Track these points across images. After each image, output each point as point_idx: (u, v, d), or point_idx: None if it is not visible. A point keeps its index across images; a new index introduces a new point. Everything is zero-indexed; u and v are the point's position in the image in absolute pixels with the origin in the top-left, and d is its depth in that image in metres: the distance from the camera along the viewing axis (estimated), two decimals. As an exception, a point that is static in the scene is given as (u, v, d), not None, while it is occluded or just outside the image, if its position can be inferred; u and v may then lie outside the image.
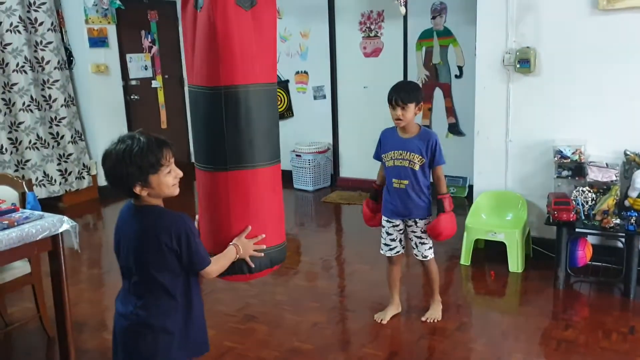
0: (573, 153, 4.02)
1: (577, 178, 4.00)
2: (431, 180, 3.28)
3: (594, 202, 3.81)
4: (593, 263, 3.91)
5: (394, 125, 3.23)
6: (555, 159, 4.06)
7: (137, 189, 1.92)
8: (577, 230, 3.79)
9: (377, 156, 3.39)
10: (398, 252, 3.43)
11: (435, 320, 3.43)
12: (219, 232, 2.33)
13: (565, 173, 4.04)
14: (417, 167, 3.20)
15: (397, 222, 3.36)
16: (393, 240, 3.40)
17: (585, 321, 3.43)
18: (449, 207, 3.20)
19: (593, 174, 3.90)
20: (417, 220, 3.31)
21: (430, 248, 3.37)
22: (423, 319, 3.45)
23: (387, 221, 3.38)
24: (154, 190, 1.95)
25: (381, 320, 3.44)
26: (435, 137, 3.21)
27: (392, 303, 3.52)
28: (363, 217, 3.53)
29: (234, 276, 2.36)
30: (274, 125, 2.36)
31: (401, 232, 3.40)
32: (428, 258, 3.39)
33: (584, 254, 3.82)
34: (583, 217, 3.77)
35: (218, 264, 2.16)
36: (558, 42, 4.07)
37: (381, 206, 3.42)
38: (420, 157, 3.18)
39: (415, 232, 3.35)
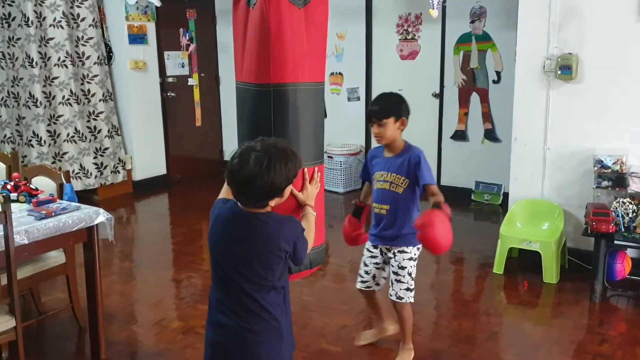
0: (614, 163, 3.91)
1: (617, 189, 3.89)
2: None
3: (634, 214, 3.70)
4: (632, 277, 3.79)
5: (377, 140, 2.88)
6: (595, 168, 3.95)
7: (274, 201, 1.89)
8: (616, 242, 3.69)
9: (363, 175, 3.06)
10: (369, 287, 3.06)
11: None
12: None
13: (605, 183, 3.93)
14: (400, 190, 2.80)
15: (376, 252, 2.99)
16: (367, 273, 3.03)
17: (622, 336, 3.33)
18: (445, 209, 2.60)
19: (635, 185, 3.79)
20: (395, 252, 2.88)
21: (408, 290, 2.89)
22: None
23: (367, 249, 3.04)
24: (282, 199, 1.93)
25: (356, 339, 3.19)
26: (417, 153, 2.78)
27: (375, 327, 3.25)
28: (343, 233, 3.11)
29: None
30: (319, 125, 2.36)
31: (377, 266, 3.01)
32: (403, 300, 2.90)
33: (623, 267, 3.71)
34: (623, 229, 3.66)
35: (309, 240, 2.07)
36: (601, 50, 3.97)
37: (362, 225, 3.05)
38: (402, 178, 2.79)
39: (393, 266, 2.91)
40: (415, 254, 2.90)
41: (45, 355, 3.19)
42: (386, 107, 2.78)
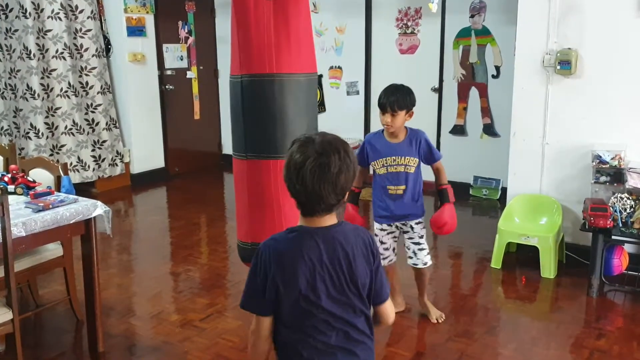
0: (612, 158, 3.91)
1: (615, 184, 3.89)
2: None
3: (632, 209, 3.70)
4: (629, 272, 3.80)
5: (386, 128, 3.14)
6: (594, 163, 3.95)
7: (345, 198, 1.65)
8: (613, 237, 3.68)
9: (362, 163, 3.22)
10: (391, 260, 3.35)
11: (443, 317, 3.41)
12: (242, 220, 2.35)
13: (603, 179, 3.93)
14: (412, 170, 3.14)
15: (391, 228, 3.28)
16: (387, 249, 3.30)
17: (619, 331, 3.34)
18: (452, 198, 3.18)
19: (633, 181, 3.79)
20: (412, 225, 3.23)
21: (428, 254, 3.29)
22: (433, 320, 3.38)
23: (381, 229, 3.28)
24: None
25: None
26: (423, 135, 3.16)
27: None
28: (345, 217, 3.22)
29: None
30: (305, 115, 2.35)
31: (395, 240, 3.33)
32: (428, 265, 3.29)
33: (620, 262, 3.72)
34: (620, 225, 3.66)
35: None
36: (601, 45, 3.96)
37: (358, 208, 3.28)
38: (414, 159, 3.13)
39: (412, 238, 3.26)
40: (423, 220, 3.27)
41: (42, 348, 3.18)
42: (401, 100, 3.02)
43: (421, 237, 3.25)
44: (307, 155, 1.52)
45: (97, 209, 2.89)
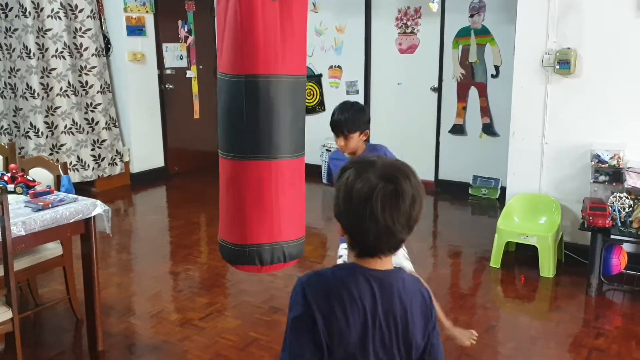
0: (611, 158, 3.91)
1: (614, 184, 3.89)
2: None
3: (631, 209, 3.71)
4: (628, 271, 3.81)
5: (341, 150, 2.90)
6: (593, 163, 3.96)
7: None
8: (612, 237, 3.69)
9: (330, 181, 3.05)
10: None
11: (474, 339, 3.05)
12: (231, 221, 2.34)
13: (602, 178, 3.94)
14: None
15: None
16: None
17: (617, 330, 3.34)
18: None
19: (631, 180, 3.79)
20: None
21: (407, 259, 2.93)
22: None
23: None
24: None
25: None
26: (382, 150, 2.86)
27: None
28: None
29: (247, 267, 2.36)
30: (299, 118, 2.34)
31: None
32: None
33: (619, 261, 3.73)
34: (619, 224, 3.67)
35: None
36: (600, 45, 3.97)
37: None
38: None
39: None
40: None
41: (42, 347, 3.19)
42: (352, 122, 2.77)
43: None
44: (372, 183, 1.25)
45: (97, 208, 2.89)
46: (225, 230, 2.33)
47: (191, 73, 7.04)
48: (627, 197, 3.73)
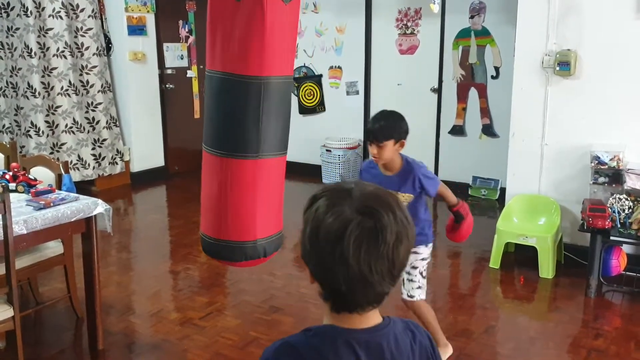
0: (611, 159, 3.92)
1: (614, 185, 3.90)
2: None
3: (630, 210, 3.72)
4: (627, 273, 3.82)
5: (374, 160, 2.82)
6: (592, 164, 3.97)
7: None
8: (612, 238, 3.70)
9: None
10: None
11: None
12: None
13: (601, 179, 3.95)
14: (405, 204, 2.77)
15: None
16: None
17: (616, 331, 3.35)
18: (466, 214, 2.96)
19: (631, 182, 3.80)
20: None
21: (419, 288, 2.85)
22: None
23: None
24: None
25: None
26: (420, 171, 2.77)
27: None
28: None
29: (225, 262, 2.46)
30: (288, 117, 2.41)
31: None
32: (414, 299, 2.85)
33: (618, 262, 3.74)
34: (619, 226, 3.68)
35: None
36: (599, 46, 3.98)
37: None
38: (407, 195, 2.77)
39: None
40: (427, 255, 2.87)
41: (42, 345, 3.20)
42: (387, 130, 2.67)
43: (413, 267, 2.82)
44: (345, 218, 0.98)
45: (98, 207, 2.90)
46: (253, 228, 2.37)
47: (192, 73, 7.05)
48: (626, 199, 3.74)
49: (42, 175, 3.26)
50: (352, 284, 0.99)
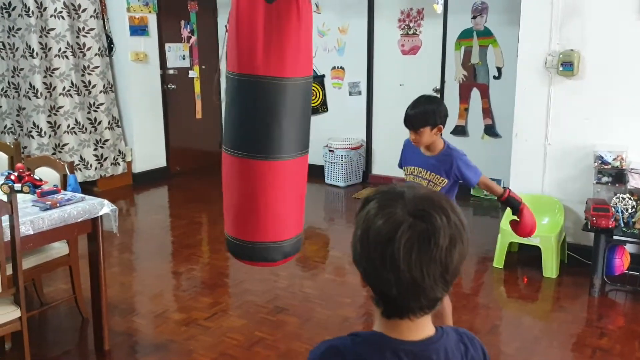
0: (614, 159, 3.93)
1: (617, 185, 3.91)
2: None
3: (634, 210, 3.72)
4: (630, 272, 3.82)
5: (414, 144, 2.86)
6: (595, 164, 3.98)
7: None
8: (615, 237, 3.71)
9: (400, 164, 3.11)
10: None
11: None
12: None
13: (605, 179, 3.96)
14: (438, 188, 2.80)
15: None
16: None
17: (620, 330, 3.36)
18: (520, 200, 2.81)
19: (634, 181, 3.81)
20: None
21: None
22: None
23: None
24: None
25: None
26: (457, 158, 2.78)
27: None
28: None
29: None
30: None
31: None
32: None
33: (622, 262, 3.74)
34: (622, 225, 3.69)
35: None
36: (602, 46, 3.98)
37: None
38: (441, 178, 2.80)
39: None
40: None
41: (48, 346, 3.20)
42: (422, 116, 2.71)
43: None
44: (397, 220, 0.96)
45: (104, 207, 2.90)
46: (291, 226, 2.37)
47: (193, 73, 7.06)
48: (630, 198, 3.75)
49: (47, 175, 3.25)
50: (403, 289, 0.96)
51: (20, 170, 3.10)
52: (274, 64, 2.20)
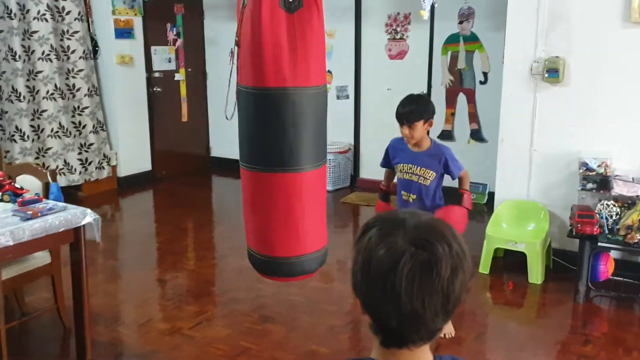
0: (599, 166, 3.95)
1: (601, 191, 3.93)
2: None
3: (618, 216, 3.74)
4: (615, 278, 3.84)
5: (407, 140, 3.13)
6: (580, 171, 3.99)
7: None
8: (600, 244, 3.72)
9: (385, 164, 3.32)
10: None
11: (452, 335, 3.26)
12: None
13: (590, 186, 3.97)
14: (427, 183, 3.11)
15: None
16: None
17: (605, 337, 3.38)
18: (466, 203, 3.10)
19: (618, 188, 3.84)
20: None
21: None
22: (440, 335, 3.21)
23: None
24: None
25: None
26: (446, 153, 3.13)
27: None
28: (376, 210, 3.37)
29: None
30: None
31: None
32: None
33: (606, 268, 3.76)
34: (607, 231, 3.71)
35: None
36: (588, 53, 4.00)
37: (391, 204, 3.37)
38: (431, 172, 3.10)
39: None
40: None
41: (29, 357, 3.14)
42: (417, 111, 2.98)
43: None
44: (398, 249, 0.95)
45: (87, 217, 2.86)
46: (316, 239, 2.36)
47: (179, 76, 7.01)
48: (614, 205, 3.77)
49: (29, 183, 3.20)
50: (403, 320, 0.95)
51: (1, 179, 3.05)
52: (301, 74, 2.18)
